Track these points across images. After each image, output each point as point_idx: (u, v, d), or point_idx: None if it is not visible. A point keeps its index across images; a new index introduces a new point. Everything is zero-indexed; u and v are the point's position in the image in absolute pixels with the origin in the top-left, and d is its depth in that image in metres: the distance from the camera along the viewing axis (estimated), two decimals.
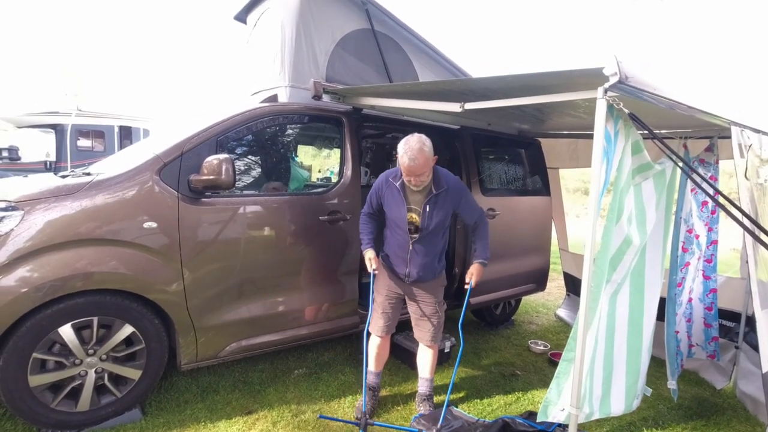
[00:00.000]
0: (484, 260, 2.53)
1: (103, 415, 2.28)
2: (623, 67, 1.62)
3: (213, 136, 2.50)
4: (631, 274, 2.18)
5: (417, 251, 2.45)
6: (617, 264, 2.09)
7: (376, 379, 2.72)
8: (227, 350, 2.55)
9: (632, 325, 2.23)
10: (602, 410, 2.16)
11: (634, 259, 2.16)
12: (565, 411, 2.00)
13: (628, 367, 2.25)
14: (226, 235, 2.49)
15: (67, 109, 7.98)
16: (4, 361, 1.99)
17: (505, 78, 2.04)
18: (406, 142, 2.26)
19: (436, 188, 2.39)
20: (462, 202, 2.47)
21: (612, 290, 2.12)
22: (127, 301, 2.23)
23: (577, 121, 3.17)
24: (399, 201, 2.43)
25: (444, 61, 4.02)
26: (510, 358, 3.58)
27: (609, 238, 1.98)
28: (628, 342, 2.23)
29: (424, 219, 2.40)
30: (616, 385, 2.21)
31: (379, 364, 2.69)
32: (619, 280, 2.13)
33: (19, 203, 2.04)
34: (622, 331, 2.19)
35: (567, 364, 2.03)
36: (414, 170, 2.25)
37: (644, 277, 2.28)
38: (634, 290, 2.22)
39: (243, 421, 2.45)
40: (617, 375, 2.22)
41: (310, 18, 3.20)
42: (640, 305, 2.26)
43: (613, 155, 1.87)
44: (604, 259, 1.97)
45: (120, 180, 2.24)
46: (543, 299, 5.41)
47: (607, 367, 2.16)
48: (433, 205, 2.39)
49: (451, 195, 2.42)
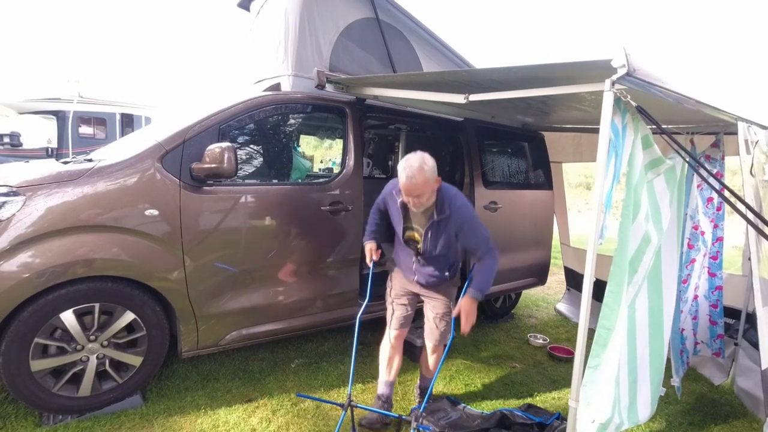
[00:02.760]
0: (478, 293, 2.16)
1: (104, 401, 2.29)
2: (631, 59, 1.59)
3: (215, 124, 2.49)
4: (649, 276, 2.08)
5: (422, 265, 2.34)
6: (637, 265, 1.98)
7: (388, 390, 2.50)
8: (228, 339, 2.56)
9: (653, 328, 2.14)
10: (631, 419, 2.05)
11: (652, 260, 2.06)
12: (596, 423, 1.87)
13: (652, 372, 2.16)
14: (227, 223, 2.48)
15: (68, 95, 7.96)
16: (6, 346, 2.00)
17: (510, 69, 2.01)
18: (406, 159, 2.08)
19: (439, 214, 2.18)
20: (464, 228, 2.20)
21: (633, 292, 2.01)
22: (128, 288, 2.23)
23: (582, 115, 3.14)
24: (398, 219, 2.31)
25: (448, 51, 3.99)
26: (509, 351, 3.59)
27: (627, 237, 1.88)
28: (651, 346, 2.14)
29: (426, 244, 2.24)
30: (642, 391, 2.12)
31: (390, 371, 2.49)
32: (639, 282, 2.03)
33: (21, 189, 2.03)
34: (643, 335, 2.09)
35: (593, 371, 1.89)
36: (411, 190, 2.05)
37: (661, 277, 2.19)
38: (652, 291, 2.12)
39: (243, 408, 2.47)
40: (642, 381, 2.12)
41: (314, 6, 3.17)
42: (659, 307, 2.18)
43: (623, 149, 1.82)
44: (623, 259, 1.87)
45: (122, 167, 2.24)
46: (543, 293, 5.41)
47: (632, 374, 2.05)
48: (435, 232, 2.21)
49: (453, 220, 2.19)
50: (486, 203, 3.60)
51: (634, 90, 1.75)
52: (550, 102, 2.80)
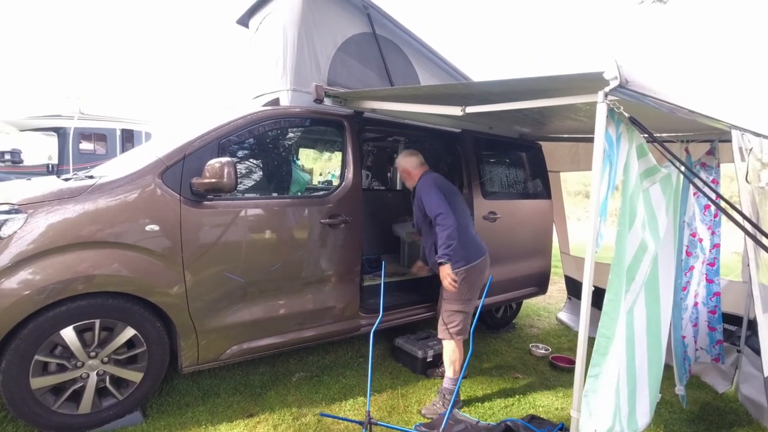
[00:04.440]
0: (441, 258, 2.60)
1: (105, 418, 2.28)
2: (623, 71, 1.62)
3: (215, 140, 2.51)
4: (647, 283, 2.10)
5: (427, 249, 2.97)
6: (635, 273, 2.00)
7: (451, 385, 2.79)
8: (228, 353, 2.55)
9: (651, 336, 2.16)
10: (630, 427, 2.06)
11: (649, 267, 2.08)
12: None
13: (650, 380, 2.18)
14: (227, 238, 2.49)
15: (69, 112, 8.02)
16: (7, 364, 1.99)
17: (506, 81, 2.05)
18: None
19: (413, 193, 2.91)
20: (421, 200, 2.76)
21: (631, 300, 2.03)
22: (128, 303, 2.23)
23: (578, 125, 3.18)
24: None
25: (445, 64, 4.04)
26: (511, 362, 3.57)
27: (623, 245, 1.90)
28: (649, 353, 2.15)
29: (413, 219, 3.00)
30: (641, 399, 2.13)
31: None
32: (637, 289, 2.05)
33: (23, 206, 2.05)
34: (641, 343, 2.11)
35: (594, 380, 1.90)
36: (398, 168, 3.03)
37: (659, 285, 2.21)
38: (650, 299, 2.14)
39: (244, 424, 2.45)
40: (641, 389, 2.13)
41: (312, 22, 3.22)
42: (656, 314, 2.19)
43: (617, 159, 1.86)
44: (620, 267, 1.89)
45: (122, 183, 2.25)
46: (544, 302, 5.40)
47: (631, 382, 2.07)
48: (414, 207, 2.94)
49: (417, 195, 2.85)
50: (485, 213, 3.61)
51: (627, 101, 1.78)
52: (546, 113, 2.83)
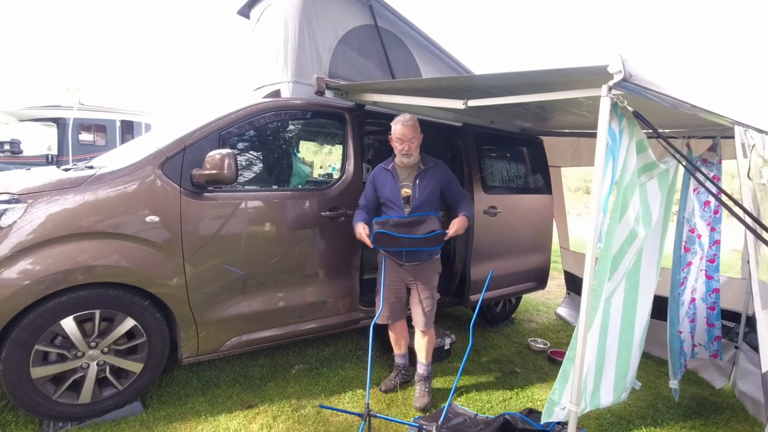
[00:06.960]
0: (468, 213, 2.67)
1: (105, 408, 2.29)
2: (627, 65, 1.61)
3: (215, 131, 2.50)
4: (628, 274, 2.19)
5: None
6: (619, 263, 2.09)
7: (403, 360, 2.93)
8: (228, 345, 2.56)
9: (625, 321, 2.25)
10: (593, 403, 2.18)
11: (633, 258, 2.15)
12: (566, 410, 2.00)
13: (618, 362, 2.28)
14: (227, 229, 2.49)
15: (69, 103, 7.99)
16: (7, 353, 2.00)
17: (508, 75, 2.03)
18: (399, 116, 2.63)
19: (425, 164, 2.68)
20: (449, 178, 2.72)
21: (612, 288, 2.12)
22: (128, 294, 2.23)
23: (580, 120, 3.16)
24: (392, 179, 2.67)
25: (447, 58, 4.01)
26: (510, 356, 3.59)
27: (612, 237, 1.97)
28: (620, 337, 2.25)
29: (415, 191, 2.63)
30: (606, 378, 2.24)
31: (399, 346, 2.90)
32: (619, 279, 2.14)
33: (22, 196, 2.05)
34: (614, 328, 2.21)
35: (570, 363, 2.01)
36: (406, 133, 2.55)
37: (640, 275, 2.28)
38: (629, 288, 2.23)
39: (243, 415, 2.46)
40: (608, 369, 2.25)
41: (314, 14, 3.20)
42: (633, 302, 2.28)
43: (618, 154, 1.86)
44: (606, 257, 1.96)
45: (122, 174, 2.25)
46: (543, 297, 5.41)
47: (599, 362, 2.18)
48: (422, 179, 2.65)
49: (438, 170, 2.69)
50: (485, 208, 3.61)
51: (631, 95, 1.77)
52: (548, 107, 2.81)
